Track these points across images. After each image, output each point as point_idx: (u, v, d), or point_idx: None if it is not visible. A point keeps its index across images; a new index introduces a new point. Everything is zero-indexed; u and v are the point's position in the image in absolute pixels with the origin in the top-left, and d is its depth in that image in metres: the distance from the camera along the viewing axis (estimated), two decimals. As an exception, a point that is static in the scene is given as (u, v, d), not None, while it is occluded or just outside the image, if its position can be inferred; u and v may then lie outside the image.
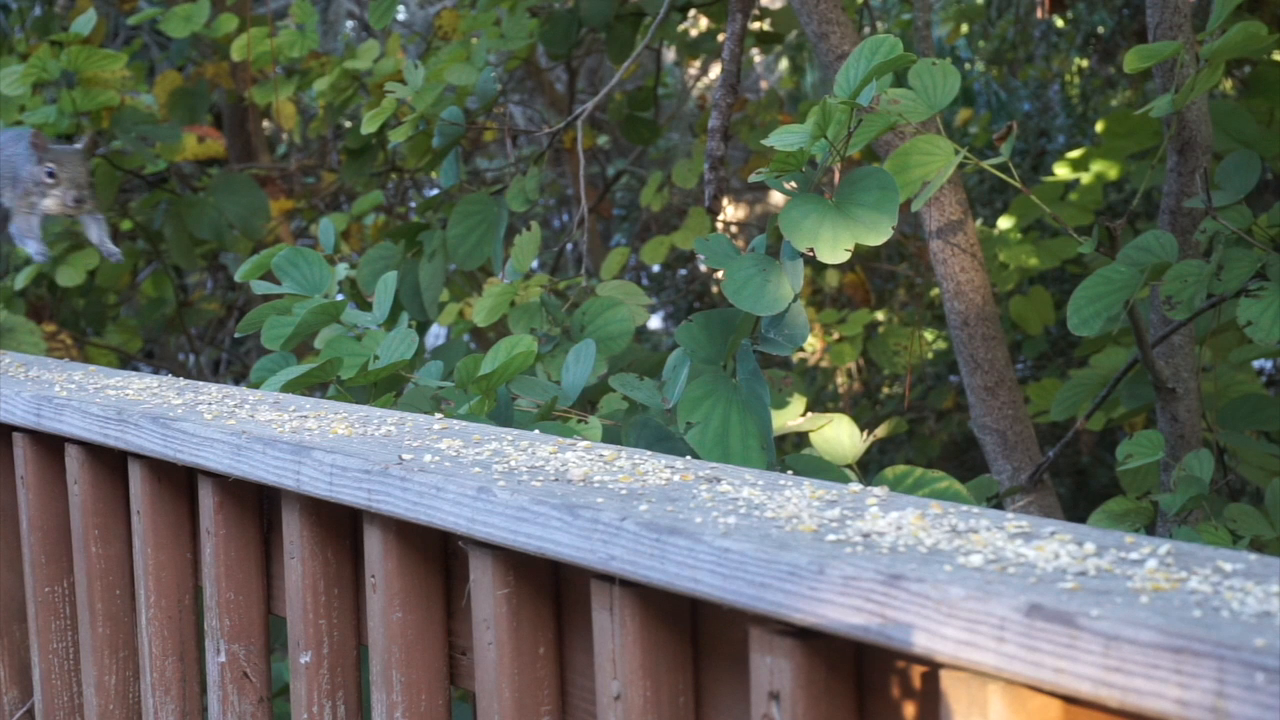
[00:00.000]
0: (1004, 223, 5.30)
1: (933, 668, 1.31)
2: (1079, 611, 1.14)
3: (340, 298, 3.06)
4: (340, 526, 2.03)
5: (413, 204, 6.82)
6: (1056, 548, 1.33)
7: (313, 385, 2.79)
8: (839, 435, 2.84)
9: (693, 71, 8.79)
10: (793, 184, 2.47)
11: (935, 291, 6.18)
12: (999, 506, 3.29)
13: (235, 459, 2.03)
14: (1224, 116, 3.52)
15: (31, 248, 3.14)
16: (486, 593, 1.72)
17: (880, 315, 6.96)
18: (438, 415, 2.18)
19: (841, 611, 1.29)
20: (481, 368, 2.67)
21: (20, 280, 5.37)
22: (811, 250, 2.34)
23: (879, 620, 1.27)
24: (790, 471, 2.19)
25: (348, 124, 6.56)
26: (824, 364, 7.12)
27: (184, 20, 5.19)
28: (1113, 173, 4.81)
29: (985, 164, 2.76)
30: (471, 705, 1.85)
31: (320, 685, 2.02)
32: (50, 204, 2.99)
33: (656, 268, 8.78)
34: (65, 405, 2.37)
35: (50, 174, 2.95)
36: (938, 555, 1.33)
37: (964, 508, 1.51)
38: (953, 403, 7.13)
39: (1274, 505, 2.86)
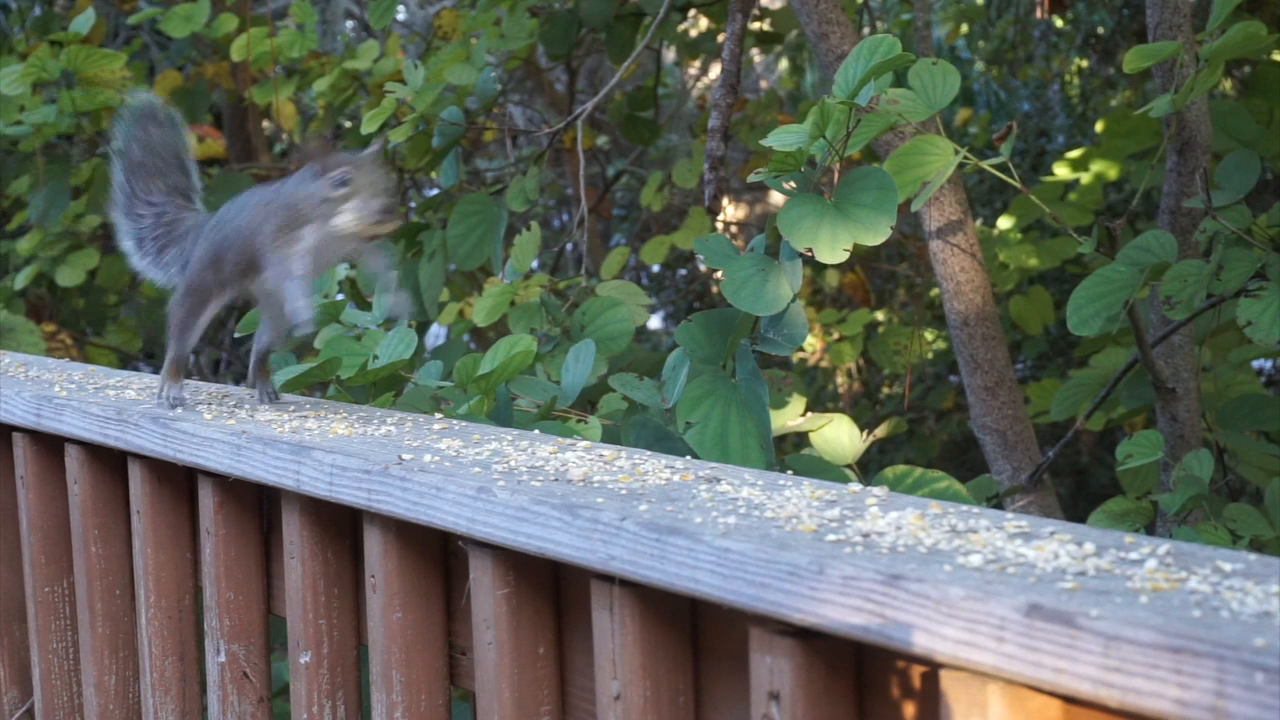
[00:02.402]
0: (1004, 223, 5.30)
1: (933, 668, 1.31)
2: (1079, 611, 1.14)
3: (340, 298, 3.06)
4: (340, 526, 2.03)
5: (413, 204, 6.81)
6: (1056, 548, 1.33)
7: (313, 385, 2.79)
8: (839, 435, 2.84)
9: (693, 71, 8.79)
10: (792, 184, 2.47)
11: (935, 291, 6.19)
12: (999, 506, 3.29)
13: (235, 459, 2.03)
14: (1224, 116, 3.52)
15: (296, 301, 2.13)
16: (486, 593, 1.72)
17: (880, 315, 6.96)
18: (438, 415, 2.18)
19: (841, 611, 1.29)
20: (481, 367, 2.68)
21: (20, 280, 5.37)
22: (810, 250, 2.34)
23: (879, 620, 1.27)
24: (790, 471, 2.19)
25: (348, 124, 6.56)
26: (824, 364, 7.12)
27: (184, 20, 5.19)
28: (1113, 173, 4.81)
29: (985, 164, 2.76)
30: (471, 705, 1.85)
31: (320, 685, 2.02)
32: (346, 220, 2.07)
33: (656, 268, 8.78)
34: (65, 405, 2.37)
35: (341, 182, 2.07)
36: (937, 555, 1.33)
37: (964, 508, 1.51)
38: (953, 403, 7.12)
39: (1274, 505, 2.86)
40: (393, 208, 2.09)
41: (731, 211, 8.34)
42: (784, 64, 9.58)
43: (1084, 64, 8.16)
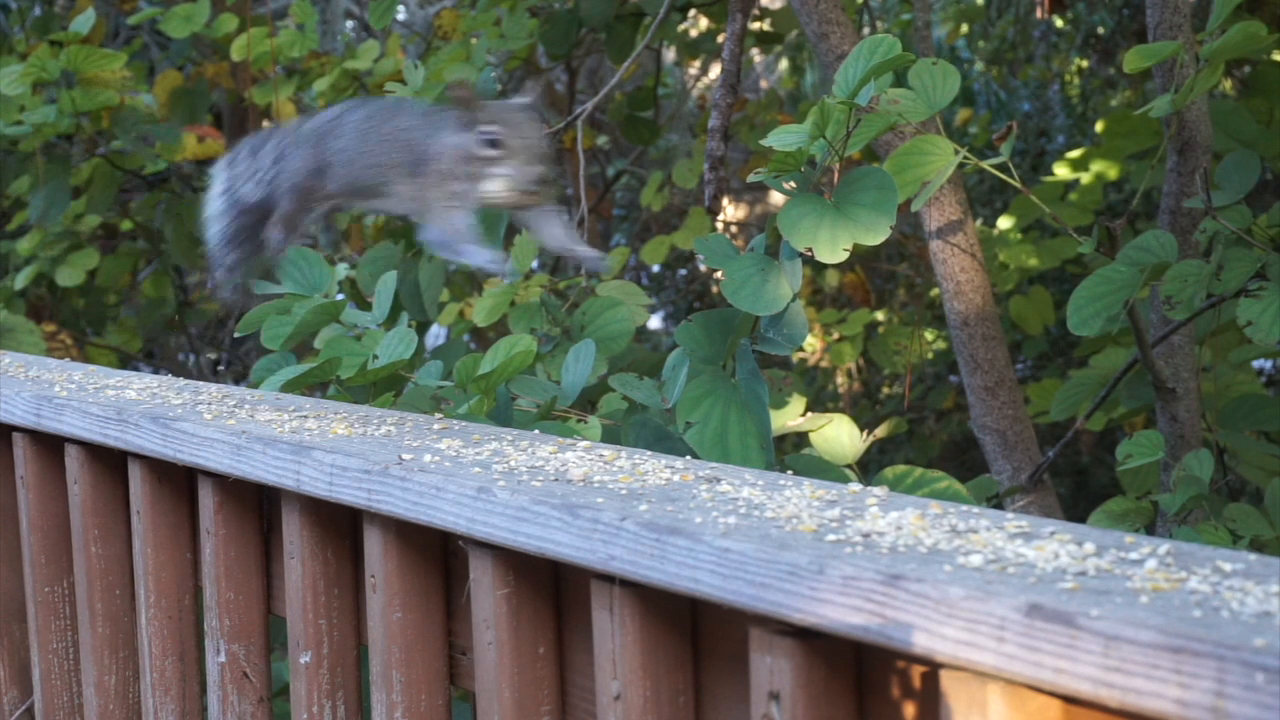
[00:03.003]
0: (1004, 223, 5.30)
1: (933, 668, 1.31)
2: (1079, 611, 1.14)
3: (340, 297, 3.05)
4: (340, 526, 2.03)
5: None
6: (1056, 548, 1.33)
7: (313, 385, 2.79)
8: (839, 435, 2.84)
9: (693, 71, 8.79)
10: (791, 184, 2.47)
11: (935, 291, 6.19)
12: (999, 506, 3.29)
13: (235, 459, 2.03)
14: (1224, 116, 3.51)
15: (479, 258, 2.02)
16: (486, 593, 1.72)
17: (880, 315, 6.96)
18: (437, 415, 2.18)
19: (841, 611, 1.29)
20: (481, 367, 2.67)
21: (20, 280, 5.37)
22: (810, 250, 2.34)
23: (879, 620, 1.27)
24: (790, 471, 2.19)
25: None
26: (824, 364, 7.12)
27: (184, 20, 5.19)
28: (1113, 173, 4.81)
29: (985, 164, 2.76)
30: (471, 705, 1.85)
31: (320, 685, 2.02)
32: (496, 188, 1.89)
33: (656, 268, 8.78)
34: (65, 405, 2.37)
35: (492, 142, 1.88)
36: (938, 555, 1.33)
37: (964, 508, 1.51)
38: (953, 403, 7.12)
39: (1274, 505, 2.86)
40: (548, 177, 1.86)
41: (731, 211, 8.34)
42: (784, 64, 9.58)
43: (1084, 64, 8.16)
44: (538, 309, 3.44)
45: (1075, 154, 4.87)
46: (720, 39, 5.83)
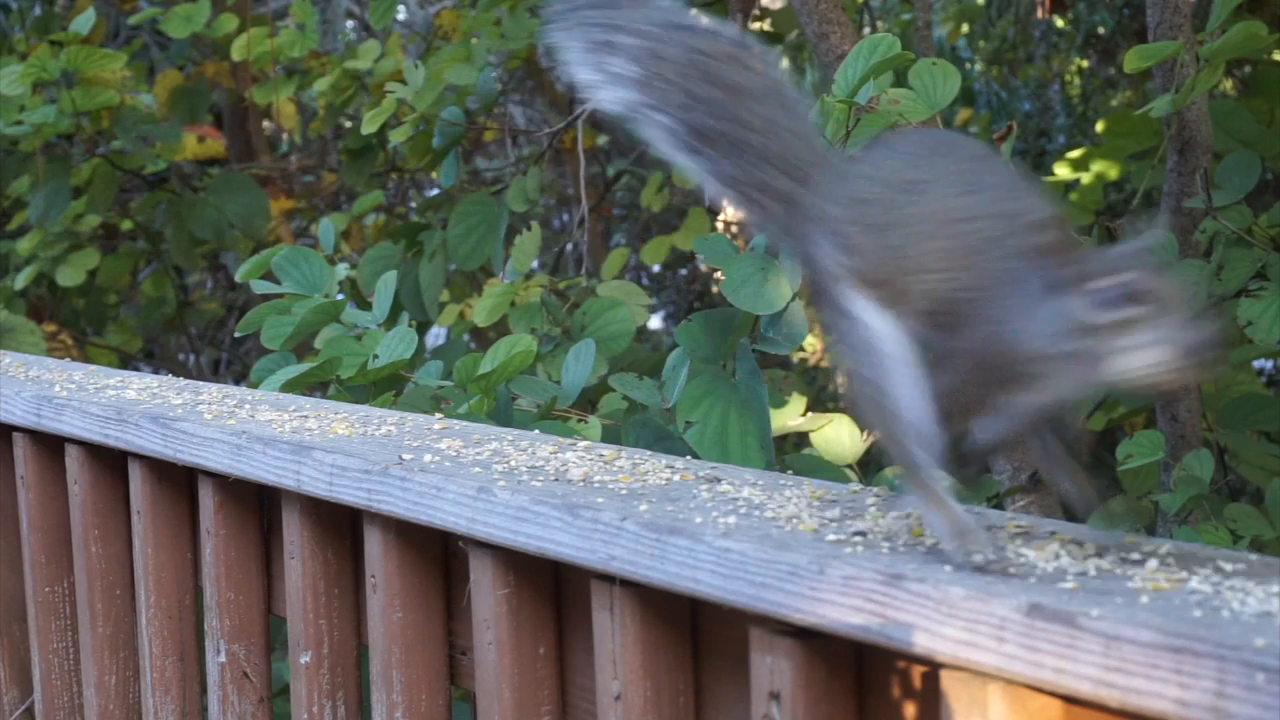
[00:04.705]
0: (1004, 223, 5.29)
1: (933, 668, 1.31)
2: (1079, 611, 1.14)
3: (340, 298, 3.05)
4: (340, 526, 2.03)
5: (413, 204, 6.81)
6: (1056, 548, 1.33)
7: (313, 385, 2.79)
8: (839, 435, 2.84)
9: (693, 71, 8.77)
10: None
11: (935, 291, 6.16)
12: (999, 506, 3.29)
13: (235, 459, 2.03)
14: (1224, 116, 3.51)
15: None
16: (487, 593, 1.72)
17: (880, 315, 6.94)
18: (438, 415, 2.18)
19: (842, 611, 1.29)
20: (481, 367, 2.68)
21: (20, 280, 5.37)
22: (811, 250, 2.33)
23: (879, 620, 1.26)
24: (790, 471, 2.20)
25: (348, 124, 6.56)
26: (824, 364, 7.12)
27: (184, 20, 5.19)
28: (1113, 173, 4.80)
29: (985, 164, 2.75)
30: (471, 705, 1.85)
31: (320, 685, 2.02)
32: (1140, 363, 1.25)
33: (656, 268, 8.77)
34: (65, 405, 2.37)
35: (1128, 297, 1.25)
36: (938, 555, 1.33)
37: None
38: (953, 403, 7.10)
39: (1274, 505, 2.86)
40: (1213, 347, 1.23)
41: (732, 211, 8.33)
42: (784, 64, 9.58)
43: (1084, 64, 8.16)
44: (538, 309, 3.44)
45: (1075, 154, 4.87)
46: (720, 39, 5.82)
